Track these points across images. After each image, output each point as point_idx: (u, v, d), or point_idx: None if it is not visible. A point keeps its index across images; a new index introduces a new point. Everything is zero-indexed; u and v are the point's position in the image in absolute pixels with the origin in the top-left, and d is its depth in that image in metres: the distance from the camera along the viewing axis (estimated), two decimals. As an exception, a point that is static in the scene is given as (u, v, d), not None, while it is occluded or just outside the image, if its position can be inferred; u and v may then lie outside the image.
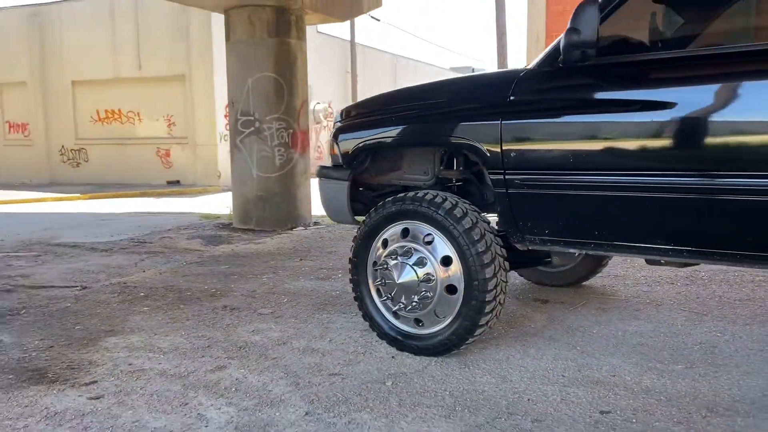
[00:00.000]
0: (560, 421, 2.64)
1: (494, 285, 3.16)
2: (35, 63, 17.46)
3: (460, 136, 3.25)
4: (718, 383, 2.98)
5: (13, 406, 2.90)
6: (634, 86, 2.77)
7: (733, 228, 2.61)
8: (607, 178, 2.82)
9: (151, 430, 2.64)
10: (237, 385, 3.10)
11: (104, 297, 4.96)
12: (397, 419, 2.69)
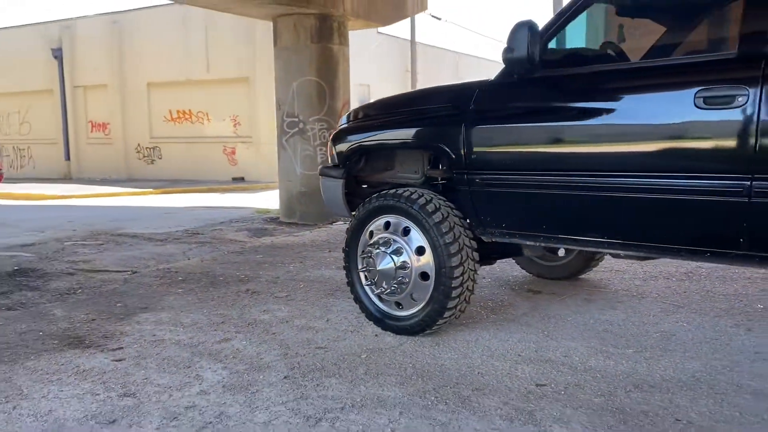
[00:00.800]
0: (497, 390, 3.02)
1: (461, 273, 3.55)
2: (115, 66, 18.75)
3: (432, 140, 3.65)
4: (657, 365, 3.28)
5: (52, 364, 3.51)
6: (572, 96, 3.11)
7: (659, 223, 2.91)
8: (550, 178, 3.18)
9: (155, 386, 3.18)
10: (236, 354, 3.62)
11: (148, 280, 5.60)
12: (358, 384, 3.13)
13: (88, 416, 2.84)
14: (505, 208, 3.42)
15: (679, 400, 2.85)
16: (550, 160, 3.18)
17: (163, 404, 2.95)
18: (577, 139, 3.09)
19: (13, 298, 5.04)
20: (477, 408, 2.83)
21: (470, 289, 3.67)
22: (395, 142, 3.93)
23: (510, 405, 2.85)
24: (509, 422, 2.68)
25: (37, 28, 20.27)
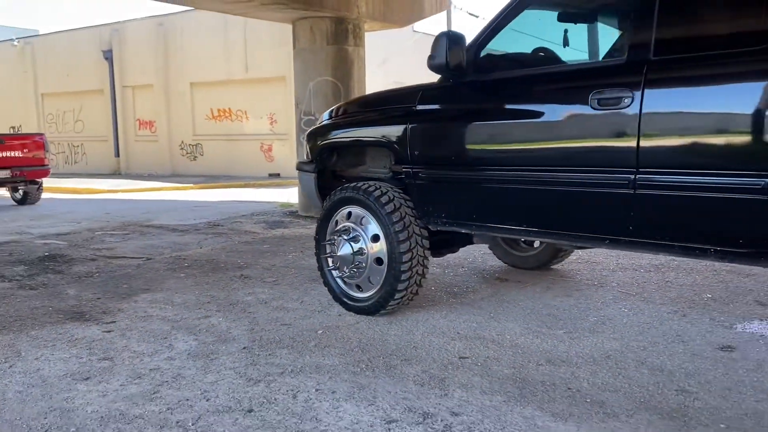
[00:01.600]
0: (423, 361, 3.38)
1: (409, 258, 3.92)
2: (160, 67, 19.64)
3: (385, 138, 4.02)
4: (578, 344, 3.58)
5: (51, 334, 4.03)
6: (493, 99, 3.45)
7: (564, 212, 3.22)
8: (476, 173, 3.52)
9: (131, 352, 3.66)
10: (209, 328, 4.08)
11: (158, 266, 6.14)
12: (304, 354, 3.54)
13: (67, 374, 3.33)
14: (442, 199, 3.77)
15: (581, 373, 3.16)
16: (475, 157, 3.52)
17: (133, 367, 3.43)
18: (496, 138, 3.43)
19: (37, 280, 5.63)
20: (397, 374, 3.20)
21: (420, 273, 4.02)
22: (353, 140, 4.32)
23: (427, 373, 3.21)
24: (420, 386, 3.05)
25: (90, 32, 21.37)
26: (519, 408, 2.79)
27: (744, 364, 3.23)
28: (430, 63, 3.43)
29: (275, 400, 2.94)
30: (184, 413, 2.83)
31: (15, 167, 11.70)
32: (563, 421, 2.66)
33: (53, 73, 22.28)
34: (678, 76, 2.81)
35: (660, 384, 3.00)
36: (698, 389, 2.94)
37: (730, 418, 2.65)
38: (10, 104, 23.58)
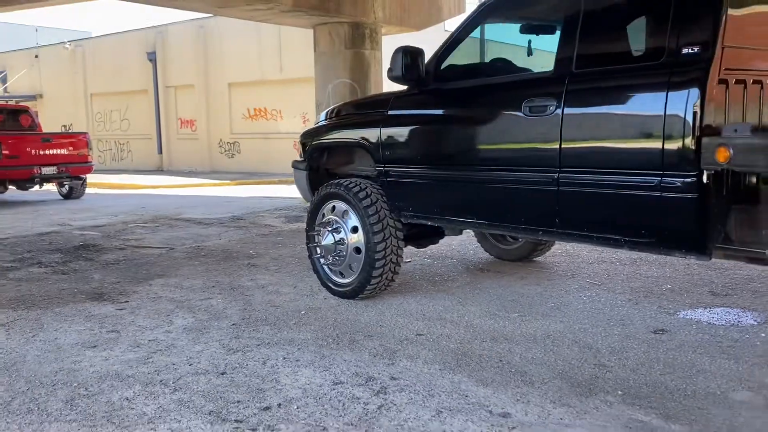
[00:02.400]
0: (383, 337, 3.83)
1: (383, 248, 4.37)
2: (201, 68, 20.45)
3: (362, 140, 4.48)
4: (527, 326, 3.97)
5: (72, 310, 4.62)
6: (448, 106, 3.87)
7: (506, 207, 3.63)
8: (434, 171, 3.95)
9: (136, 326, 4.21)
10: (208, 308, 4.60)
11: (177, 255, 6.73)
12: (283, 330, 4.03)
13: (79, 343, 3.90)
14: (409, 195, 4.21)
15: (517, 349, 3.57)
16: (433, 157, 3.95)
17: (134, 338, 3.97)
18: (449, 140, 3.85)
19: (69, 266, 6.27)
20: (357, 347, 3.66)
21: (394, 261, 4.47)
22: (338, 142, 4.79)
23: (384, 346, 3.66)
24: (373, 357, 3.50)
25: (135, 34, 22.36)
26: (450, 375, 3.22)
27: (667, 344, 3.58)
28: (389, 75, 3.87)
29: (246, 366, 3.44)
30: (169, 374, 3.35)
31: (61, 164, 12.53)
32: (484, 386, 3.08)
33: (101, 74, 23.37)
34: (592, 87, 3.19)
35: (583, 359, 3.39)
36: (615, 364, 3.31)
37: (631, 386, 3.03)
38: (62, 104, 24.81)
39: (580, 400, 2.90)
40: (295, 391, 3.08)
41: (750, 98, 2.99)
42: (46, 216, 10.47)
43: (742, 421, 2.66)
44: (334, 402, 2.94)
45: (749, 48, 2.99)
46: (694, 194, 2.81)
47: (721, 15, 2.80)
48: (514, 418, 2.74)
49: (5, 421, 2.84)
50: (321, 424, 2.72)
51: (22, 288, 5.34)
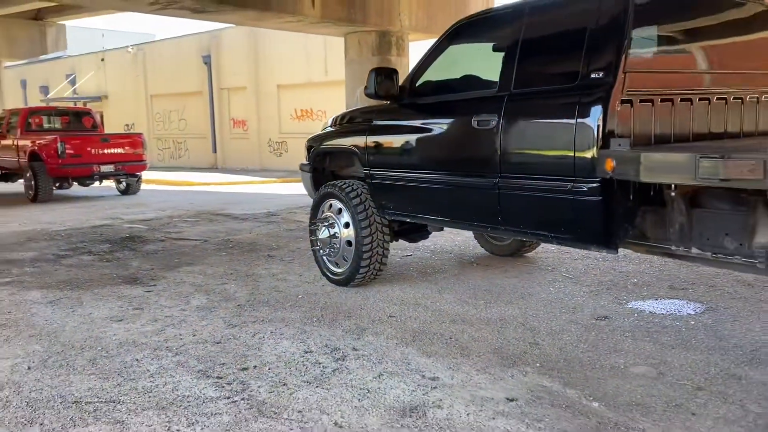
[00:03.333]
0: (359, 317, 4.45)
1: (370, 242, 4.98)
2: (251, 71, 21.45)
3: (352, 146, 5.10)
4: (487, 311, 4.52)
5: (107, 292, 5.41)
6: (417, 118, 4.45)
7: (461, 206, 4.19)
8: (407, 175, 4.53)
9: (158, 305, 4.95)
10: (221, 291, 5.32)
11: (208, 246, 7.50)
12: (278, 310, 4.69)
13: (108, 317, 4.66)
14: (388, 195, 4.80)
15: (469, 330, 4.13)
16: (404, 162, 4.54)
17: (154, 314, 4.71)
18: (416, 148, 4.43)
19: (114, 255, 7.12)
20: (334, 325, 4.29)
21: (380, 253, 5.07)
22: (335, 148, 5.41)
23: (357, 325, 4.28)
24: (344, 332, 4.13)
25: (192, 39, 23.56)
26: (403, 348, 3.82)
27: (603, 329, 4.08)
28: (365, 92, 4.48)
29: (238, 338, 4.12)
30: (174, 342, 4.06)
31: (118, 162, 13.58)
32: (427, 356, 3.66)
33: (161, 76, 24.71)
34: (523, 105, 3.72)
35: (521, 339, 3.93)
36: (547, 343, 3.84)
37: (551, 361, 3.56)
38: (125, 104, 26.32)
39: (501, 369, 3.45)
40: (271, 357, 3.74)
41: (659, 114, 3.47)
42: (102, 210, 11.49)
43: (627, 388, 3.17)
44: (299, 366, 3.59)
45: (654, 72, 3.48)
46: (597, 197, 3.32)
47: (623, 46, 3.30)
48: (440, 381, 3.32)
49: (41, 373, 3.60)
50: (283, 382, 3.37)
51: (71, 272, 6.19)
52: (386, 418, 2.92)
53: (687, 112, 3.60)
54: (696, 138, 3.67)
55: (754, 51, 3.97)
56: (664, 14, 3.56)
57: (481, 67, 4.35)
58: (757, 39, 3.97)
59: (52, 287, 5.60)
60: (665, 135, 3.53)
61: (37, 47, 21.82)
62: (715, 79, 3.73)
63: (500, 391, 3.19)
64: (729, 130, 3.81)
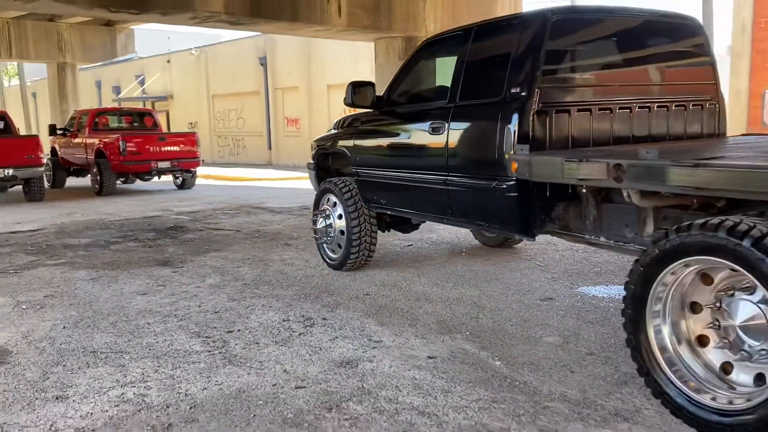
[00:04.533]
0: (340, 294, 5.20)
1: (359, 231, 5.72)
2: (304, 71, 22.48)
3: (344, 147, 5.85)
4: (453, 292, 5.18)
5: (141, 271, 6.35)
6: (389, 124, 5.15)
7: (421, 200, 4.88)
8: (383, 173, 5.25)
9: (178, 283, 5.84)
10: (234, 273, 6.17)
11: (238, 236, 8.40)
12: (276, 289, 5.50)
13: (135, 291, 5.57)
14: (370, 190, 5.52)
15: (427, 306, 4.81)
16: (379, 162, 5.26)
17: (173, 290, 5.59)
18: (387, 150, 5.13)
19: (155, 242, 8.11)
20: (316, 300, 5.06)
21: (368, 242, 5.80)
22: (333, 149, 6.17)
23: (335, 301, 5.03)
24: (322, 307, 4.88)
25: (250, 41, 24.79)
26: (364, 318, 4.55)
27: (542, 308, 4.69)
28: (344, 101, 5.21)
29: (234, 309, 4.94)
30: (181, 312, 4.91)
31: (173, 159, 14.76)
32: (381, 326, 4.38)
33: (221, 77, 26.09)
34: (464, 114, 4.38)
35: (467, 314, 4.59)
36: (486, 318, 4.49)
37: (480, 331, 4.21)
38: (189, 104, 27.89)
39: (436, 336, 4.14)
40: (254, 324, 4.53)
41: (577, 123, 4.08)
42: (157, 203, 12.65)
43: (531, 352, 3.80)
44: (273, 330, 4.37)
45: (568, 87, 4.08)
46: (514, 193, 3.95)
47: (537, 67, 3.92)
48: (382, 343, 4.04)
49: (72, 331, 4.51)
50: (256, 341, 4.16)
51: (115, 256, 7.19)
52: (325, 368, 3.66)
53: (606, 121, 4.18)
54: (616, 142, 4.24)
55: (659, 65, 4.50)
56: (574, 40, 4.16)
57: (441, 81, 5.01)
58: (660, 54, 4.52)
59: (96, 267, 6.59)
60: (584, 140, 4.12)
61: (108, 51, 23.50)
62: (626, 91, 4.29)
63: (426, 351, 3.88)
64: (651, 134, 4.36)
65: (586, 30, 4.25)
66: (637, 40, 4.42)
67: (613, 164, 3.06)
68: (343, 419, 3.01)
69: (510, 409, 3.05)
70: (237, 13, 8.62)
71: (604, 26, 4.34)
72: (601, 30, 4.32)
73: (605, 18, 4.33)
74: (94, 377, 3.63)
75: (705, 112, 4.69)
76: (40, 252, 7.57)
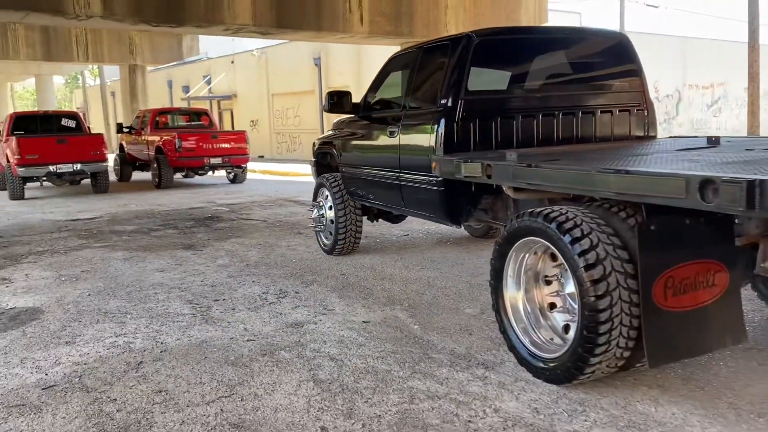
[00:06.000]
0: (322, 274, 6.06)
1: (344, 221, 6.57)
2: (354, 71, 23.43)
3: (332, 147, 6.71)
4: (414, 273, 5.95)
5: (166, 253, 7.40)
6: (361, 127, 5.96)
7: (383, 194, 5.68)
8: (357, 170, 6.08)
9: (193, 263, 6.84)
10: (242, 256, 7.13)
11: (262, 224, 9.40)
12: (271, 269, 6.41)
13: (155, 268, 6.61)
14: (350, 185, 6.35)
15: (386, 284, 5.60)
16: (356, 160, 6.08)
17: (186, 268, 6.60)
18: (362, 150, 5.95)
19: (190, 229, 9.20)
20: (299, 279, 5.93)
21: (353, 230, 6.63)
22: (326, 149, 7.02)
23: (313, 279, 5.90)
24: (300, 283, 5.76)
25: (305, 43, 25.97)
26: (328, 292, 5.39)
27: (481, 287, 5.38)
28: (323, 107, 6.05)
29: (228, 284, 5.87)
30: (186, 284, 5.89)
31: (224, 155, 15.98)
32: (340, 298, 5.21)
33: (279, 76, 27.42)
34: (410, 120, 5.14)
35: (416, 291, 5.36)
36: (430, 294, 5.25)
37: (419, 304, 4.97)
38: (251, 102, 29.39)
39: (380, 307, 4.94)
40: (239, 295, 5.45)
41: (501, 128, 4.78)
42: (205, 195, 13.86)
43: (449, 320, 4.54)
44: (251, 300, 5.27)
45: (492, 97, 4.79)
46: (441, 188, 4.70)
47: (463, 80, 4.65)
48: (332, 311, 4.87)
49: (95, 297, 5.55)
50: (233, 308, 5.07)
51: (152, 240, 8.30)
52: (277, 327, 4.53)
53: (530, 126, 4.87)
54: (541, 144, 4.92)
55: (583, 77, 5.13)
56: (497, 58, 4.87)
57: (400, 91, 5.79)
58: (584, 67, 5.14)
59: (132, 249, 7.70)
60: (508, 142, 4.82)
61: (175, 53, 25.12)
62: (549, 99, 4.95)
63: (364, 317, 4.69)
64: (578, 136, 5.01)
65: (509, 48, 4.95)
66: (560, 55, 5.07)
67: (486, 164, 3.79)
68: (271, 362, 3.87)
69: (401, 358, 3.83)
70: (264, 25, 9.57)
71: (527, 44, 5.02)
72: (523, 47, 5.01)
73: (528, 37, 5.02)
74: (99, 330, 4.62)
75: (633, 117, 5.28)
76: (90, 236, 8.78)
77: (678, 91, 26.50)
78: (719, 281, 2.95)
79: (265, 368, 3.77)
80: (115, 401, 3.38)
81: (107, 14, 8.11)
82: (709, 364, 3.53)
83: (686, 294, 2.87)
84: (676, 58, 25.60)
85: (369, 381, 3.52)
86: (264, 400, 3.32)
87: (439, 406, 3.17)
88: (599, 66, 5.24)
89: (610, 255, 2.98)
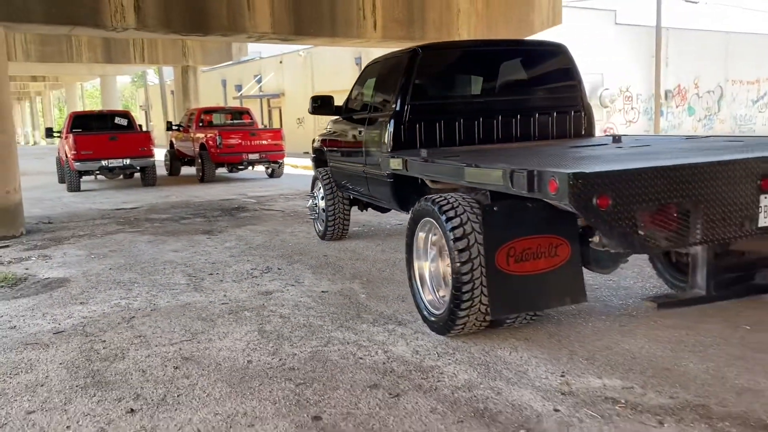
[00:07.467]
0: (310, 255, 6.97)
1: (333, 210, 7.47)
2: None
3: (322, 143, 7.61)
4: (388, 256, 6.79)
5: (184, 237, 8.47)
6: (344, 127, 6.84)
7: (358, 184, 6.55)
8: (338, 164, 6.96)
9: (205, 245, 7.87)
10: (249, 240, 8.12)
11: (279, 215, 10.39)
12: (269, 251, 7.36)
13: (171, 249, 7.66)
14: (336, 177, 7.24)
15: (358, 264, 6.46)
16: (336, 155, 6.96)
17: (198, 249, 7.61)
18: (340, 147, 6.83)
19: (216, 218, 10.27)
20: (287, 259, 6.86)
21: (341, 218, 7.51)
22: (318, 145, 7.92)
23: (299, 259, 6.82)
24: (287, 262, 6.68)
25: (348, 42, 27.03)
26: (306, 269, 6.29)
27: (439, 266, 6.19)
28: (308, 109, 6.95)
29: (226, 261, 6.86)
30: (192, 262, 6.90)
31: (262, 152, 17.11)
32: (314, 274, 6.10)
33: (324, 75, 28.53)
34: (371, 121, 5.98)
35: (380, 269, 6.20)
36: (388, 271, 6.08)
37: (377, 279, 5.82)
38: (297, 101, 30.65)
39: (342, 281, 5.81)
40: (231, 271, 6.42)
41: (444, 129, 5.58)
42: (239, 189, 14.99)
43: (394, 291, 5.36)
44: (239, 274, 6.23)
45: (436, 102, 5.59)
46: (391, 179, 5.53)
47: (409, 87, 5.46)
48: (301, 283, 5.77)
49: (114, 271, 6.61)
50: (222, 280, 6.03)
51: (177, 227, 9.40)
52: (251, 295, 5.45)
53: (472, 127, 5.64)
54: (482, 142, 5.68)
55: (523, 83, 5.85)
56: (441, 68, 5.66)
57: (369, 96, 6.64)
58: (523, 74, 5.86)
59: (158, 234, 8.80)
60: (451, 141, 5.61)
61: (225, 55, 26.48)
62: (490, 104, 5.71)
63: (325, 288, 5.57)
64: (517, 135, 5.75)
65: (452, 59, 5.73)
66: (501, 65, 5.82)
67: (405, 160, 4.61)
68: (233, 318, 4.80)
69: (336, 318, 4.70)
70: (283, 32, 10.51)
71: (470, 56, 5.79)
72: (467, 59, 5.78)
73: (471, 50, 5.79)
74: (109, 294, 5.66)
75: (572, 118, 5.98)
76: (126, 223, 9.95)
77: (720, 87, 26.29)
78: (561, 252, 3.70)
79: (226, 322, 4.70)
80: (104, 342, 4.38)
81: (140, 26, 9.19)
82: (578, 324, 4.27)
83: (528, 261, 3.64)
84: (717, 54, 25.43)
85: (301, 332, 4.40)
86: (215, 343, 4.25)
87: (345, 349, 4.03)
88: (538, 73, 5.96)
89: (475, 231, 3.77)
